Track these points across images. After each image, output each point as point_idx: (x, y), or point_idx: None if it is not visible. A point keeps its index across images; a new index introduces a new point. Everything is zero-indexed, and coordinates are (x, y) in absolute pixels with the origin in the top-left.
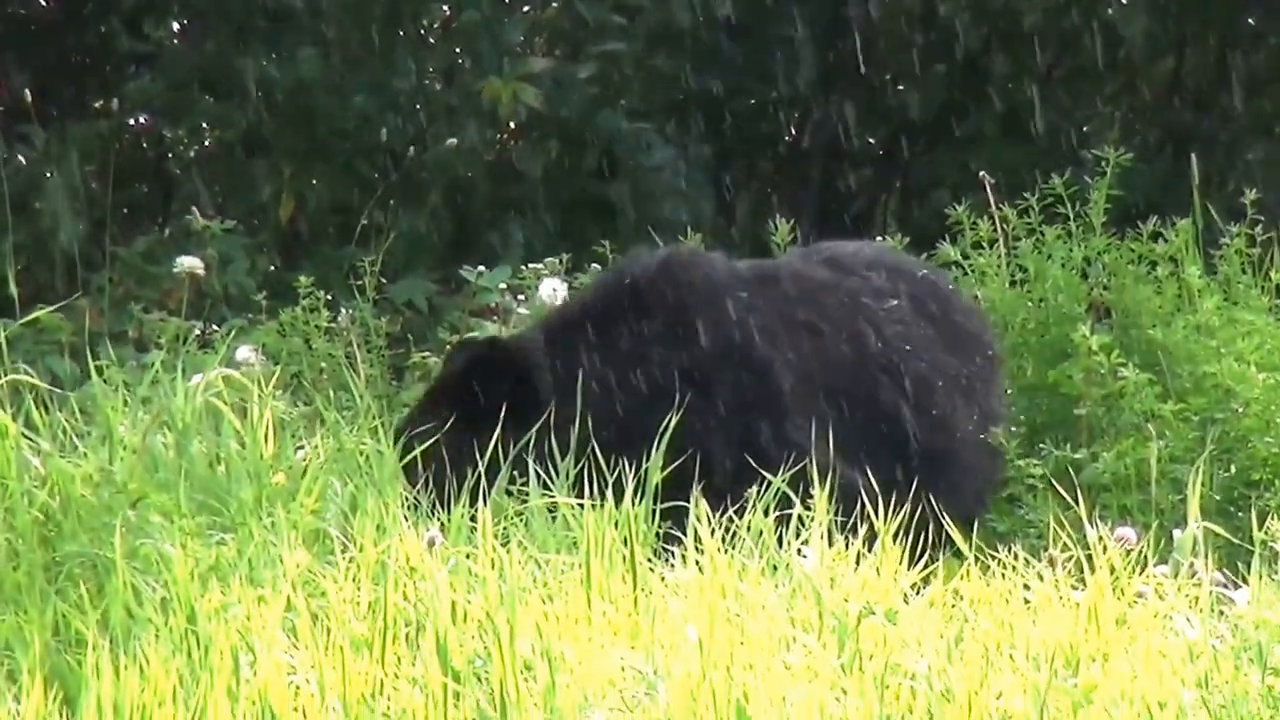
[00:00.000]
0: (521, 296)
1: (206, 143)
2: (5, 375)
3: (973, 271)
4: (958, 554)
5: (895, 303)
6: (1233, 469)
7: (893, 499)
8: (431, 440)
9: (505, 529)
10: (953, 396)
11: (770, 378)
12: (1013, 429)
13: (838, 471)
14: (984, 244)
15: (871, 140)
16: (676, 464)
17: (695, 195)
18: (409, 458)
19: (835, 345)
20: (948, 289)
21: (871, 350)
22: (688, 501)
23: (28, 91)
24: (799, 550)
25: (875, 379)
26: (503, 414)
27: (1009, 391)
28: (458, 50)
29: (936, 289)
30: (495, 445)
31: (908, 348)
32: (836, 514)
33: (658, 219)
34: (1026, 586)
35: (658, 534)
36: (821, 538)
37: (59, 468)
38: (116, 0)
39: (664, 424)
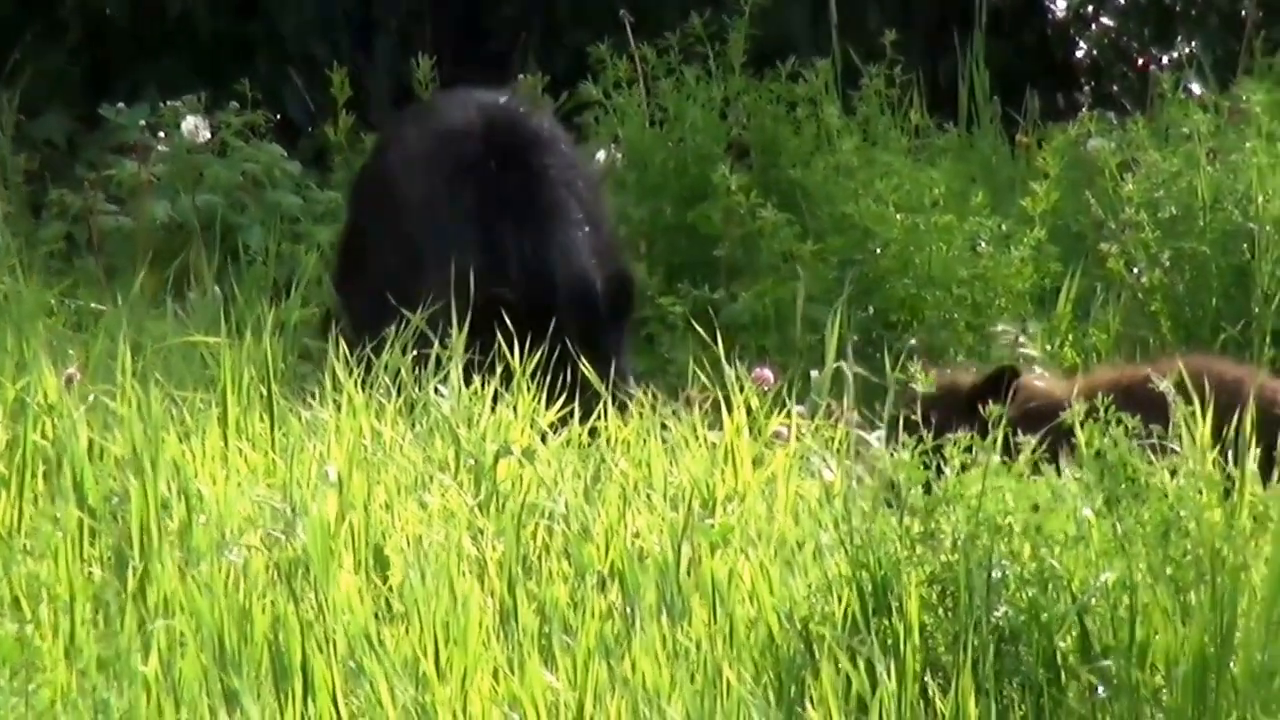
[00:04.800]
0: (162, 134)
1: None
2: None
3: (613, 111)
4: (597, 394)
5: None
6: (871, 310)
7: None
8: None
9: (144, 367)
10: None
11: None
12: (652, 269)
13: None
14: (624, 84)
15: None
16: None
17: (335, 32)
18: None
19: None
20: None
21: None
22: None
23: None
24: (436, 389)
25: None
26: None
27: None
28: None
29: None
30: None
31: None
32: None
33: (298, 56)
34: (664, 426)
35: None
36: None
37: None
38: None
39: None
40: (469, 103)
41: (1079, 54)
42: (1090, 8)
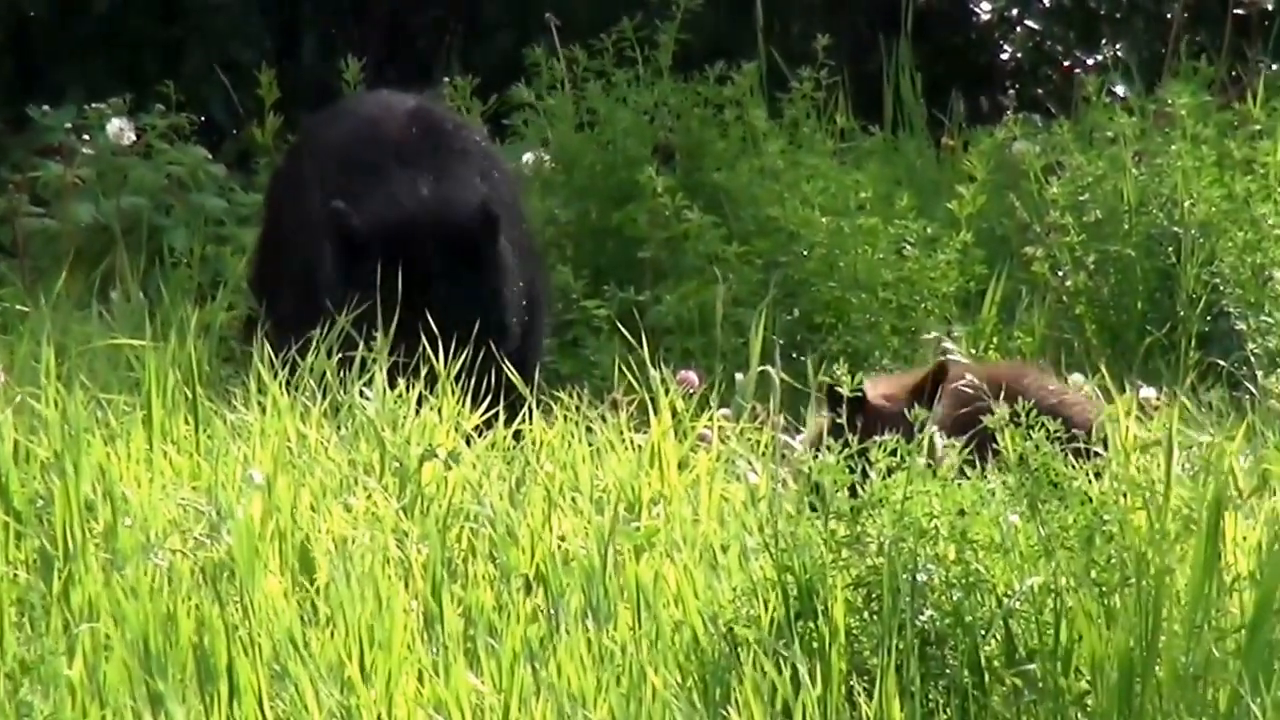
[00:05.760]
0: (87, 136)
1: None
2: None
3: (542, 113)
4: (521, 396)
5: None
6: (796, 312)
7: None
8: None
9: (69, 370)
10: None
11: None
12: (580, 271)
13: None
14: (559, 85)
15: None
16: None
17: (260, 34)
18: None
19: None
20: None
21: None
22: None
23: None
24: (361, 392)
25: None
26: None
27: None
28: None
29: None
30: None
31: None
32: None
33: (223, 58)
34: (589, 429)
35: None
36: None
37: None
38: None
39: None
40: (387, 100)
41: (1004, 57)
42: (1015, 11)
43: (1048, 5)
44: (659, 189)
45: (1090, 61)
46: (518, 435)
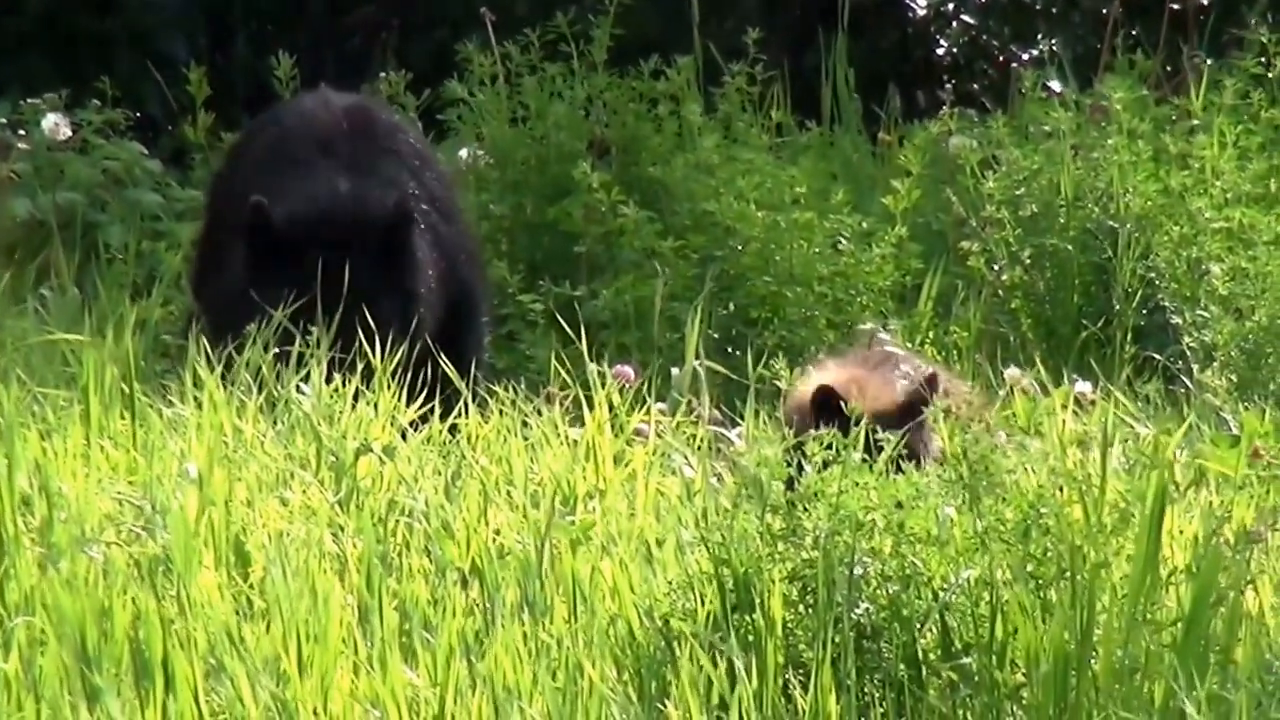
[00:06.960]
0: (22, 131)
1: None
2: None
3: (476, 109)
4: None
5: None
6: (732, 307)
7: None
8: None
9: (5, 365)
10: None
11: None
12: (515, 266)
13: None
14: (487, 81)
15: None
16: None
17: (193, 30)
18: None
19: None
20: None
21: None
22: None
23: None
24: (298, 387)
25: None
26: None
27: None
28: None
29: None
30: None
31: None
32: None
33: (156, 54)
34: (525, 423)
35: None
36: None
37: None
38: None
39: None
40: (326, 99)
41: (940, 52)
42: (951, 6)
43: (984, 0)
44: (594, 184)
45: (1026, 56)
46: (453, 430)
